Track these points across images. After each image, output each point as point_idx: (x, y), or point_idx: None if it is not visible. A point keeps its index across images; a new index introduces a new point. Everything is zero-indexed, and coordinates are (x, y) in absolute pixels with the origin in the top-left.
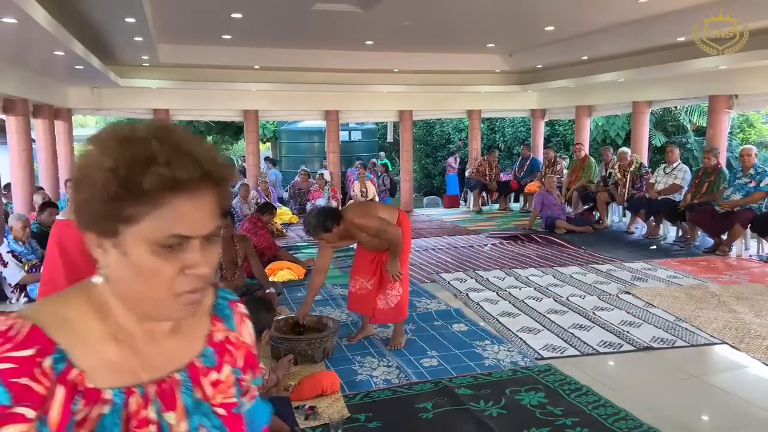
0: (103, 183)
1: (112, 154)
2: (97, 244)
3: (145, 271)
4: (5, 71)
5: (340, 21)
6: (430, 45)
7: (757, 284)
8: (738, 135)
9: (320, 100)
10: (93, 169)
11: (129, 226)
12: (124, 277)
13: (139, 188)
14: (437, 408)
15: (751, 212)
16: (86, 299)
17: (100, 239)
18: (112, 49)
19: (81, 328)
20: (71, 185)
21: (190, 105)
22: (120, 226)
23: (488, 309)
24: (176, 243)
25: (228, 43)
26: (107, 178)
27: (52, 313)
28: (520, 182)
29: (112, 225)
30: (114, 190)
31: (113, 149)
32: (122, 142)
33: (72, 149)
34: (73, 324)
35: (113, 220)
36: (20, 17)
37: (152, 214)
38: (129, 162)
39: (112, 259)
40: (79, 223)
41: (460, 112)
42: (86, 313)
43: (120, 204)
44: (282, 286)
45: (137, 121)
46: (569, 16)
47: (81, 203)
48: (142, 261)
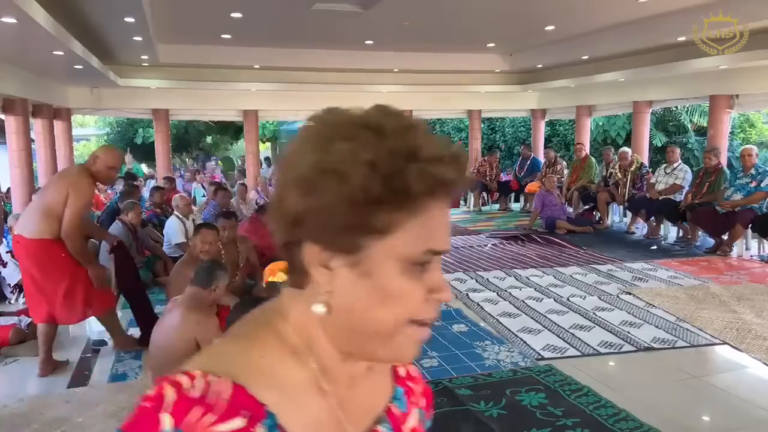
0: (361, 181)
1: (368, 145)
2: (321, 262)
3: (392, 296)
4: (5, 71)
5: (339, 21)
6: (430, 45)
7: (758, 284)
8: (739, 135)
9: (320, 100)
10: (344, 163)
11: (379, 239)
12: (357, 305)
13: (404, 189)
14: (437, 408)
15: (752, 212)
16: (275, 337)
17: (328, 255)
18: (112, 49)
19: (281, 378)
20: (284, 185)
21: (190, 105)
22: (366, 239)
23: (488, 309)
24: (427, 261)
25: (228, 42)
26: (367, 176)
27: (245, 362)
28: (521, 182)
29: (356, 237)
30: (377, 190)
31: (367, 139)
32: (376, 129)
33: (71, 149)
34: (272, 374)
35: (360, 230)
36: (20, 17)
37: (410, 224)
38: (391, 155)
39: (343, 282)
40: (294, 234)
41: (460, 112)
42: (283, 358)
43: (374, 209)
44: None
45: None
46: (570, 16)
47: (314, 209)
48: (390, 283)
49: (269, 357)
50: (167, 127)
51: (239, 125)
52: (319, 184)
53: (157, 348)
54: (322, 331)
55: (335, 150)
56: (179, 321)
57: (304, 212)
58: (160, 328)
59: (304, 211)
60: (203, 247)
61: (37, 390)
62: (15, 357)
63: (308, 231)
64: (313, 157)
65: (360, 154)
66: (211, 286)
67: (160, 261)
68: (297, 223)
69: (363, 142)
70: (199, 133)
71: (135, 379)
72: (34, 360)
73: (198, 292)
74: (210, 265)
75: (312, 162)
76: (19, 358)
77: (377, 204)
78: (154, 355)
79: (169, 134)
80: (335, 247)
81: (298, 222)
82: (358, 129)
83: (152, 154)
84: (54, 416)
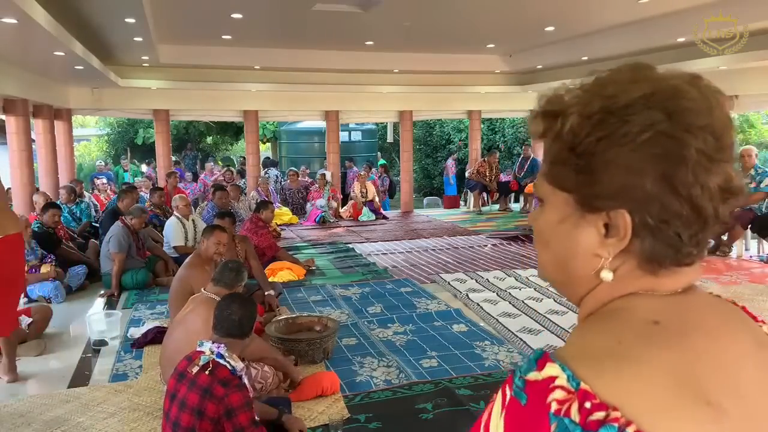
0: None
1: (706, 108)
2: None
3: None
4: (5, 71)
5: (340, 21)
6: (430, 45)
7: (758, 285)
8: (738, 135)
9: (320, 101)
10: (695, 125)
11: None
12: None
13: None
14: (437, 408)
15: (751, 213)
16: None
17: None
18: (112, 50)
19: (645, 384)
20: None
21: (190, 105)
22: None
23: (488, 309)
24: None
25: (228, 43)
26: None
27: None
28: (520, 183)
29: None
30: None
31: (708, 102)
32: (708, 92)
33: (72, 149)
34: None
35: None
36: (20, 17)
37: None
38: (722, 120)
39: None
40: None
41: (460, 112)
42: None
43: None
44: (282, 286)
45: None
46: (569, 17)
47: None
48: None
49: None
50: (168, 128)
51: (239, 125)
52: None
53: (174, 348)
54: None
55: (694, 108)
56: (202, 323)
57: None
58: (179, 327)
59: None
60: (218, 249)
61: (37, 390)
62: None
63: None
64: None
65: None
66: (236, 287)
67: (160, 261)
68: None
69: (706, 101)
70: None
71: (135, 379)
72: (34, 360)
73: (222, 293)
74: (236, 265)
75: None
76: (19, 358)
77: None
78: (168, 355)
79: (169, 135)
80: None
81: None
82: (691, 88)
83: (152, 155)
84: (54, 416)
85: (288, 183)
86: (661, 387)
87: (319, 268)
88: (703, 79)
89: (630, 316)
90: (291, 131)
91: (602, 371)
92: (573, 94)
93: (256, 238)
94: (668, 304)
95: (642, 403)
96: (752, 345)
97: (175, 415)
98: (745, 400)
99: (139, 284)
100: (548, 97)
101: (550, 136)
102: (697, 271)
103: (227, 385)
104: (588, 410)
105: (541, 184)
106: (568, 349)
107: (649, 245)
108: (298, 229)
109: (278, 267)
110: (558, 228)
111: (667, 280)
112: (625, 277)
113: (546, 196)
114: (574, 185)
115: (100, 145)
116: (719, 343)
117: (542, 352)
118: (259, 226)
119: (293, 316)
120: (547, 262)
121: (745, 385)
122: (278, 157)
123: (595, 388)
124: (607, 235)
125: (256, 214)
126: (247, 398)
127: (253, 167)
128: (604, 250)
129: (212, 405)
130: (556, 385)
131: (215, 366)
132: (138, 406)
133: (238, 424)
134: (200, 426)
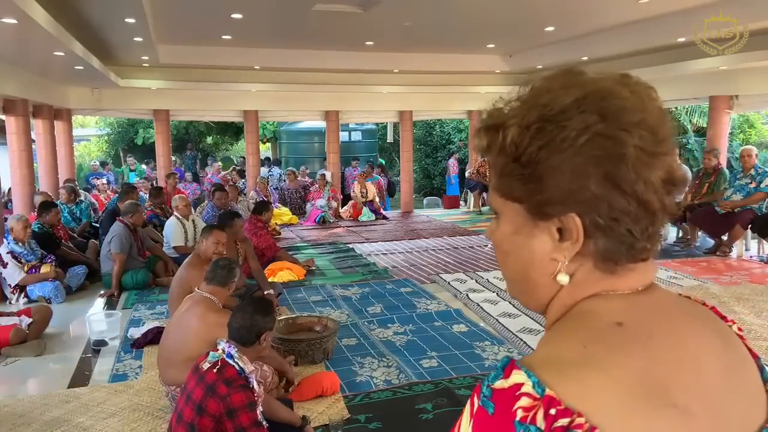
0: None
1: (639, 105)
2: None
3: None
4: (6, 72)
5: (340, 21)
6: (430, 45)
7: (758, 285)
8: (738, 135)
9: (320, 101)
10: (630, 122)
11: None
12: None
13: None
14: (437, 409)
15: (751, 213)
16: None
17: None
18: (112, 50)
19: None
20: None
21: (190, 105)
22: None
23: (488, 310)
24: None
25: (228, 43)
26: (641, 136)
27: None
28: None
29: None
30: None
31: (640, 99)
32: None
33: (72, 149)
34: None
35: None
36: (20, 17)
37: None
38: (655, 114)
39: None
40: None
41: (460, 112)
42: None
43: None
44: (282, 286)
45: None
46: (569, 17)
47: None
48: None
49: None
50: (168, 128)
51: (239, 125)
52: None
53: (171, 348)
54: None
55: (630, 104)
56: (198, 322)
57: None
58: (175, 327)
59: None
60: (217, 248)
61: (37, 390)
62: (15, 357)
63: None
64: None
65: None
66: (228, 284)
67: (160, 261)
68: None
69: (638, 101)
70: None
71: (135, 380)
72: (34, 360)
73: (216, 291)
74: (227, 263)
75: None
76: (19, 358)
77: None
78: (166, 355)
79: (169, 135)
80: None
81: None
82: (621, 87)
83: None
84: (54, 416)
85: (286, 183)
86: (625, 390)
87: (319, 269)
88: (633, 77)
89: (594, 319)
90: (291, 131)
91: (567, 377)
92: (511, 106)
93: (256, 238)
94: (631, 304)
95: (606, 407)
96: (718, 345)
97: (182, 407)
98: (711, 400)
99: (138, 284)
100: (488, 111)
101: (495, 150)
102: (653, 266)
103: (231, 384)
104: (553, 417)
105: (493, 197)
106: (534, 356)
107: (602, 245)
108: (298, 229)
109: (278, 267)
110: (514, 238)
111: (626, 278)
112: (585, 279)
113: (499, 209)
114: (523, 195)
115: (100, 146)
116: (684, 343)
117: (509, 359)
118: (259, 226)
119: (293, 317)
120: (509, 273)
121: (710, 385)
122: (278, 157)
123: (561, 395)
124: (561, 239)
125: (256, 215)
126: (251, 399)
127: (253, 167)
128: (560, 254)
129: (214, 402)
130: (522, 393)
131: (224, 365)
132: (138, 406)
133: (239, 424)
134: (199, 422)
